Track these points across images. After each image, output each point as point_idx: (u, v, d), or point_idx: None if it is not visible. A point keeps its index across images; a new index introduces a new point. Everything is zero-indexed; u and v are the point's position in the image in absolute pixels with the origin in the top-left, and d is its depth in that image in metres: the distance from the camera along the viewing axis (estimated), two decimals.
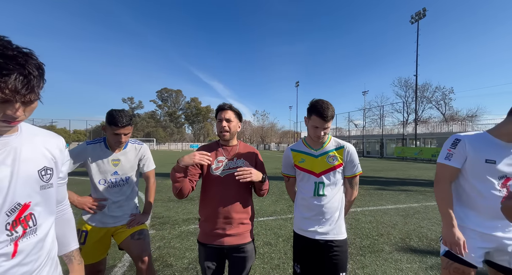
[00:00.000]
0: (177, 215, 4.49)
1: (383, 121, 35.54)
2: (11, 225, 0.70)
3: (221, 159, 1.50)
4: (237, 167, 1.46)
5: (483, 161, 1.31)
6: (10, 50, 0.62)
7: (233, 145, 1.58)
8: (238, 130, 1.56)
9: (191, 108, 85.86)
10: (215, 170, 1.47)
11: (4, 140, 0.72)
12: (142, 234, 1.63)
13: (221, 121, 1.48)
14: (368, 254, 2.91)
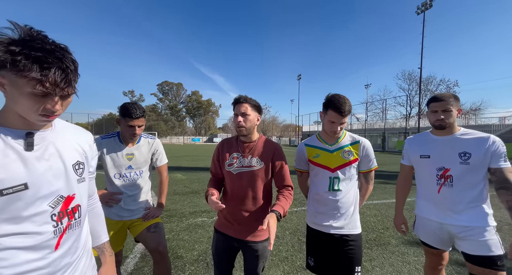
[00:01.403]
0: (183, 208, 4.55)
1: (385, 114, 35.31)
2: (57, 216, 0.73)
3: (236, 155, 1.45)
4: (250, 166, 1.41)
5: (418, 157, 1.56)
6: (48, 44, 0.62)
7: (252, 141, 1.47)
8: (257, 124, 1.46)
9: (192, 102, 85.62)
10: (229, 166, 1.44)
11: (41, 135, 0.73)
12: (158, 227, 1.66)
13: (236, 116, 1.40)
14: (375, 247, 2.95)
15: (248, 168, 1.40)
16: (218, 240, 1.47)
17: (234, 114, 1.43)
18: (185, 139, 64.86)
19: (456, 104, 1.46)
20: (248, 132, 1.42)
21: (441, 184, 1.46)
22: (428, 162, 1.51)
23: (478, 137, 1.41)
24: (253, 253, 1.41)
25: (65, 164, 0.76)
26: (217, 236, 1.48)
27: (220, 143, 1.55)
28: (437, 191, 1.47)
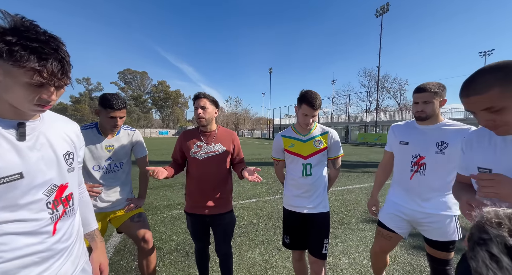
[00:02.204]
0: (157, 202, 4.46)
1: (348, 109, 38.16)
2: (52, 204, 0.74)
3: (200, 144, 1.69)
4: (214, 151, 1.70)
5: (398, 143, 1.61)
6: (42, 34, 0.63)
7: (212, 130, 1.74)
8: (215, 116, 1.73)
9: (158, 92, 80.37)
10: (194, 154, 1.67)
11: (31, 125, 0.73)
12: (141, 216, 1.68)
13: (197, 109, 1.64)
14: (339, 227, 3.35)
15: (213, 153, 1.69)
16: (192, 221, 1.73)
17: (195, 107, 1.67)
18: (151, 132, 60.98)
19: (440, 95, 1.42)
20: (207, 122, 1.68)
21: (414, 171, 1.50)
22: (406, 148, 1.54)
23: (459, 128, 1.40)
24: (224, 222, 1.72)
25: (56, 154, 0.77)
26: (190, 218, 1.73)
27: (182, 134, 1.78)
28: (410, 177, 1.52)
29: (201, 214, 1.68)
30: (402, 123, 1.69)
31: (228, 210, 1.75)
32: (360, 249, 2.72)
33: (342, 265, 2.40)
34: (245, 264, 2.41)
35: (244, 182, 6.14)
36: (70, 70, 0.69)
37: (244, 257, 2.53)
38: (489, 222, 0.42)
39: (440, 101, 1.44)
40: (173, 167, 1.72)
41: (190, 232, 1.79)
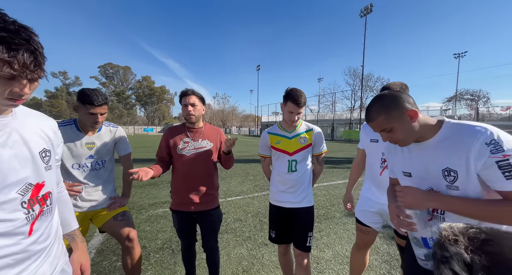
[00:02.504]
0: (142, 201, 4.36)
1: (334, 107, 39.08)
2: (27, 204, 0.71)
3: (187, 140, 1.69)
4: (201, 147, 1.70)
5: (369, 141, 1.69)
6: (11, 24, 0.59)
7: (199, 127, 1.75)
8: (203, 113, 1.74)
9: (142, 88, 77.57)
10: (181, 150, 1.67)
11: (3, 121, 0.68)
12: (126, 215, 1.64)
13: (186, 106, 1.63)
14: (324, 221, 3.47)
15: (201, 149, 1.70)
16: (179, 219, 1.72)
17: (183, 104, 1.66)
18: (136, 129, 58.94)
19: None
20: (197, 119, 1.69)
21: (384, 167, 1.59)
22: (376, 146, 1.63)
23: None
24: (211, 219, 1.73)
25: (31, 151, 0.74)
26: (176, 215, 1.72)
27: (167, 131, 1.75)
28: (380, 173, 1.61)
29: (188, 211, 1.68)
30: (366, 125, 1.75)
31: (215, 206, 1.77)
32: (343, 242, 2.84)
33: (326, 257, 2.50)
34: (232, 259, 2.44)
35: (232, 179, 6.14)
36: (44, 62, 0.66)
37: (231, 253, 2.56)
38: (447, 239, 0.44)
39: None
40: (159, 165, 1.69)
41: (176, 229, 1.78)
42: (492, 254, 0.38)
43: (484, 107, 35.12)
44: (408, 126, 0.93)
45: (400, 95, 0.94)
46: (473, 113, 28.67)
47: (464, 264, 0.39)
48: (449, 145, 0.89)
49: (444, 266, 0.42)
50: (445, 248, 0.42)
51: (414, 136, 0.95)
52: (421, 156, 0.98)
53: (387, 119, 0.93)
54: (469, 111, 34.51)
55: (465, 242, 0.41)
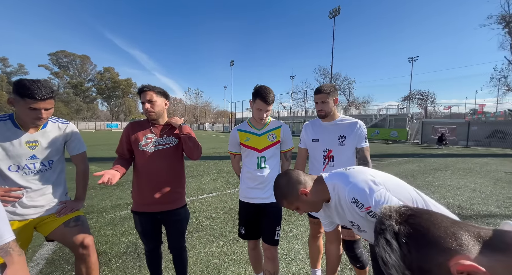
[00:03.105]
0: (103, 203, 4.02)
1: (306, 104, 40.54)
2: None
3: (150, 136, 1.60)
4: (166, 144, 1.62)
5: (311, 141, 1.83)
6: None
7: (164, 123, 1.67)
8: (165, 108, 1.65)
9: (105, 80, 71.01)
10: (143, 146, 1.58)
11: None
12: (79, 220, 1.47)
13: (144, 103, 1.55)
14: (293, 214, 3.60)
15: (166, 145, 1.62)
16: (141, 220, 1.62)
17: (141, 102, 1.57)
18: (97, 125, 53.87)
19: (333, 95, 1.70)
20: (157, 116, 1.60)
21: (326, 163, 1.73)
22: (318, 144, 1.78)
23: (350, 122, 1.73)
24: (177, 219, 1.66)
25: None
26: (139, 217, 1.62)
27: (129, 126, 1.65)
28: (322, 169, 1.73)
29: (152, 212, 1.60)
30: (310, 123, 1.92)
31: (182, 204, 1.71)
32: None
33: (295, 248, 2.61)
34: (203, 258, 2.40)
35: (204, 177, 6.01)
36: None
37: (201, 252, 2.51)
38: (384, 215, 0.53)
39: (334, 100, 1.73)
40: (121, 163, 1.58)
41: (139, 232, 1.68)
42: (413, 224, 0.48)
43: (431, 106, 39.80)
44: (307, 201, 1.08)
45: (290, 179, 1.10)
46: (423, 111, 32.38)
47: (394, 233, 0.49)
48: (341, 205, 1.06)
49: (380, 236, 0.52)
50: (382, 222, 0.52)
51: (317, 204, 1.12)
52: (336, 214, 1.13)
53: (289, 203, 1.11)
54: (420, 109, 38.73)
55: (396, 217, 0.51)
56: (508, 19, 25.37)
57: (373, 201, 0.91)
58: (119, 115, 72.60)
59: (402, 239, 0.48)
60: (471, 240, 0.44)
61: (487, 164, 8.90)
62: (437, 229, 0.46)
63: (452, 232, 0.45)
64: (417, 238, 0.46)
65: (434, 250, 0.44)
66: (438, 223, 0.47)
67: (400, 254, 0.47)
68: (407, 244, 0.47)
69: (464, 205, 4.06)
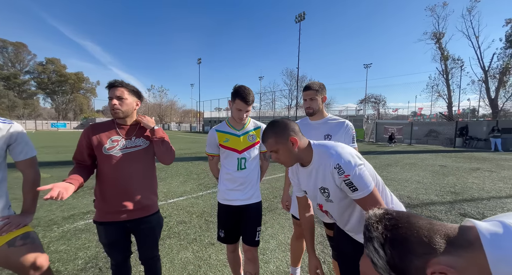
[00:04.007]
0: (52, 214, 3.49)
1: (274, 104, 41.60)
2: None
3: (116, 138, 1.46)
4: (135, 146, 1.49)
5: None
6: None
7: (132, 124, 1.53)
8: (135, 108, 1.52)
9: (48, 73, 61.91)
10: (108, 150, 1.42)
11: None
12: (29, 237, 1.22)
13: (111, 99, 1.41)
14: (268, 213, 3.65)
15: (135, 148, 1.49)
16: (108, 231, 1.45)
17: (109, 97, 1.43)
18: (39, 124, 46.57)
19: (321, 93, 1.72)
20: (124, 115, 1.46)
21: None
22: None
23: (338, 122, 1.73)
24: (149, 226, 1.53)
25: None
26: (104, 228, 1.45)
27: (89, 128, 1.47)
28: None
29: (120, 221, 1.44)
30: (299, 122, 1.89)
31: (155, 210, 1.59)
32: (285, 230, 3.07)
33: (271, 247, 2.64)
34: (176, 266, 2.26)
35: (173, 180, 5.69)
36: None
37: (175, 259, 2.37)
38: (371, 225, 0.60)
39: (322, 98, 1.75)
40: (79, 172, 1.37)
41: (104, 245, 1.49)
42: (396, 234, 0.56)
43: (383, 109, 44.74)
44: (290, 150, 1.12)
45: (288, 123, 1.14)
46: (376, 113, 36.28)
47: (380, 244, 0.57)
48: (320, 170, 1.12)
49: (369, 242, 0.59)
50: (370, 231, 0.60)
51: (295, 159, 1.16)
52: (308, 178, 1.21)
53: (273, 142, 1.12)
54: (374, 111, 43.23)
55: (382, 228, 0.58)
56: (438, 36, 30.05)
57: (353, 172, 1.00)
58: (67, 113, 63.86)
59: (387, 249, 0.56)
60: (442, 241, 0.53)
61: (426, 159, 10.37)
62: (415, 237, 0.54)
63: (427, 237, 0.54)
64: (399, 247, 0.55)
65: (413, 256, 0.53)
66: (416, 229, 0.55)
67: (386, 259, 0.56)
68: (391, 252, 0.55)
69: (412, 196, 4.65)
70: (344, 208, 1.16)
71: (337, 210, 1.18)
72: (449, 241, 0.53)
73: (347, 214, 1.17)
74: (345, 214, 1.18)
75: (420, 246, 0.53)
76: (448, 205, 4.05)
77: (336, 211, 1.19)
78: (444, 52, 29.94)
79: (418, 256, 0.53)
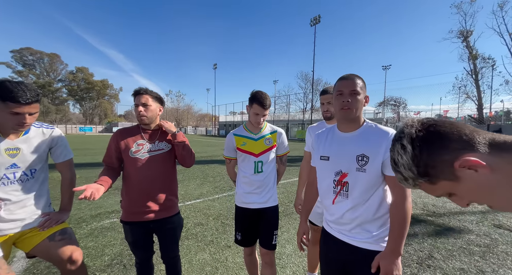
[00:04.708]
0: (81, 212, 3.74)
1: (288, 108, 41.40)
2: None
3: (141, 142, 1.55)
4: (159, 150, 1.58)
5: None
6: None
7: (155, 128, 1.63)
8: (159, 114, 1.63)
9: (77, 81, 66.70)
10: (134, 153, 1.52)
11: None
12: (66, 233, 1.36)
13: (137, 106, 1.51)
14: (283, 217, 3.63)
15: (158, 152, 1.58)
16: (133, 230, 1.54)
17: (135, 104, 1.53)
18: (69, 129, 50.15)
19: None
20: (150, 121, 1.56)
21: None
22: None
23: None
24: (171, 227, 1.61)
25: None
26: (130, 227, 1.54)
27: (117, 133, 1.59)
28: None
29: (144, 221, 1.53)
30: (316, 125, 1.90)
31: (176, 212, 1.67)
32: None
33: (287, 252, 2.63)
34: (195, 266, 2.32)
35: (190, 182, 5.85)
36: None
37: (193, 260, 2.43)
38: (406, 125, 0.56)
39: None
40: (108, 174, 1.47)
41: (129, 243, 1.59)
42: (431, 131, 0.51)
43: (403, 112, 42.71)
44: (360, 101, 1.09)
45: None
46: (396, 116, 34.70)
47: (411, 139, 0.52)
48: (366, 138, 1.08)
49: (397, 142, 0.55)
50: (402, 131, 0.55)
51: (357, 112, 1.10)
52: (342, 144, 1.14)
53: (361, 86, 1.09)
54: (393, 114, 41.38)
55: (417, 126, 0.54)
56: (465, 34, 28.25)
57: None
58: (93, 118, 68.30)
59: (416, 144, 0.51)
60: (484, 141, 0.47)
61: None
62: (454, 134, 0.48)
63: (468, 135, 0.48)
64: (431, 141, 0.50)
65: (445, 150, 0.48)
66: (457, 128, 0.49)
67: (412, 155, 0.51)
68: (420, 146, 0.50)
69: (437, 204, 4.38)
70: (370, 184, 1.06)
71: (365, 184, 1.07)
72: (493, 143, 0.47)
73: (368, 194, 1.07)
74: (367, 193, 1.07)
75: (458, 142, 0.47)
76: (479, 215, 3.76)
77: (363, 184, 1.07)
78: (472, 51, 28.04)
79: (451, 150, 0.47)
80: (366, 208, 1.09)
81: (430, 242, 2.86)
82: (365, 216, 1.09)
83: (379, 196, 1.08)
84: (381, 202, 1.08)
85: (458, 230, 3.21)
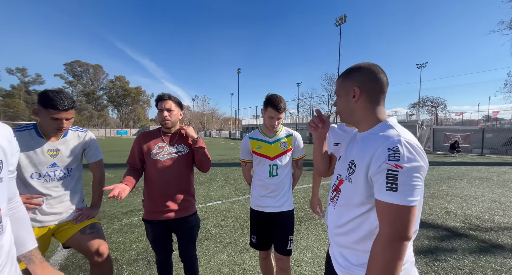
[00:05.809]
0: (114, 209, 4.07)
1: (312, 110, 40.43)
2: None
3: (162, 145, 1.64)
4: (178, 152, 1.66)
5: (332, 144, 1.70)
6: None
7: (174, 132, 1.71)
8: (180, 118, 1.72)
9: (116, 88, 73.41)
10: (155, 155, 1.61)
11: None
12: (95, 227, 1.50)
13: (162, 111, 1.60)
14: (303, 223, 3.53)
15: (178, 154, 1.66)
16: (153, 229, 1.63)
17: (159, 109, 1.63)
18: (108, 132, 55.27)
19: None
20: (173, 125, 1.66)
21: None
22: (336, 149, 1.60)
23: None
24: (188, 226, 1.68)
25: None
26: (150, 226, 1.63)
27: (140, 136, 1.70)
28: None
29: (164, 220, 1.61)
30: (336, 126, 1.83)
31: (194, 211, 1.73)
32: (322, 243, 2.91)
33: (306, 259, 2.54)
34: (213, 267, 2.37)
35: (212, 184, 6.01)
36: None
37: (211, 260, 2.49)
38: None
39: None
40: (132, 175, 1.57)
41: (150, 241, 1.68)
42: None
43: (442, 113, 38.84)
44: (348, 101, 0.89)
45: (373, 70, 0.86)
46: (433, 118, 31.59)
47: None
48: (365, 142, 0.85)
49: None
50: None
51: (349, 115, 0.92)
52: (350, 146, 0.97)
53: (339, 84, 0.92)
54: (430, 116, 37.89)
55: None
56: None
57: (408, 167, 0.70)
58: (128, 122, 74.37)
59: None
60: None
61: (505, 173, 8.53)
62: None
63: None
64: None
65: None
66: None
67: None
68: None
69: (483, 217, 3.88)
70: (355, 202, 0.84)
71: (348, 197, 0.87)
72: None
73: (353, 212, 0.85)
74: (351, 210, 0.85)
75: None
76: None
77: (346, 197, 0.88)
78: None
79: None
80: (349, 230, 0.86)
81: (472, 260, 2.54)
82: (344, 238, 0.88)
83: (368, 223, 0.82)
84: (371, 233, 0.81)
85: (510, 248, 2.80)
